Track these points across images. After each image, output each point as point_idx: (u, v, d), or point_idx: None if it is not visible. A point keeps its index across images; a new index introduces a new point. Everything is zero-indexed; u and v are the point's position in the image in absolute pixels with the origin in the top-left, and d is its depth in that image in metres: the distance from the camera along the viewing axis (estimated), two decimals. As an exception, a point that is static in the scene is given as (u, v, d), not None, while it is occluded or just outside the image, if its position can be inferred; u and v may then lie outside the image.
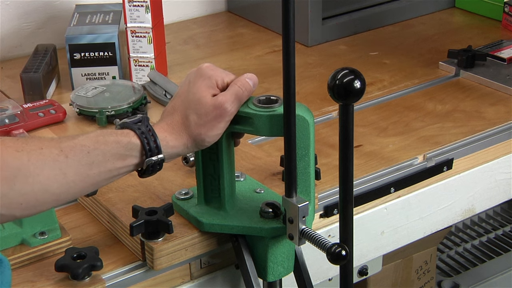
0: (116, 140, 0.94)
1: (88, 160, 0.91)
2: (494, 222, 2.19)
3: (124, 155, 0.94)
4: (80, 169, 0.90)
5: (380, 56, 1.71)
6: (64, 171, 0.89)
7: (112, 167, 0.93)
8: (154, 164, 0.96)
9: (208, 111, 0.98)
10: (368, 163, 1.28)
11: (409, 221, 1.30)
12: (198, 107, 0.98)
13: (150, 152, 0.95)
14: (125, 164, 0.94)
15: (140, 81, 1.55)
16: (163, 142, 0.96)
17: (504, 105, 1.46)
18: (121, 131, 0.96)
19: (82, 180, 0.91)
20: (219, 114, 0.98)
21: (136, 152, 0.95)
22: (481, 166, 1.36)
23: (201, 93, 0.99)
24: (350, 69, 0.92)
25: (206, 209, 1.08)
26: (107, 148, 0.92)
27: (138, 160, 0.95)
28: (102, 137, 0.93)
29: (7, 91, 1.56)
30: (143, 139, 0.95)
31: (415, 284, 1.75)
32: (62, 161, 0.89)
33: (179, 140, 0.98)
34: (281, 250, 1.06)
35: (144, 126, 0.96)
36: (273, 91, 1.49)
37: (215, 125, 0.98)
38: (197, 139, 0.98)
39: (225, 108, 0.98)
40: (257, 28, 1.89)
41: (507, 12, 1.83)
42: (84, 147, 0.91)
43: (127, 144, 0.94)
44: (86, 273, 1.00)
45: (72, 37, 1.51)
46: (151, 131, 0.96)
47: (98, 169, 0.92)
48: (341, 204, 0.97)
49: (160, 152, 0.96)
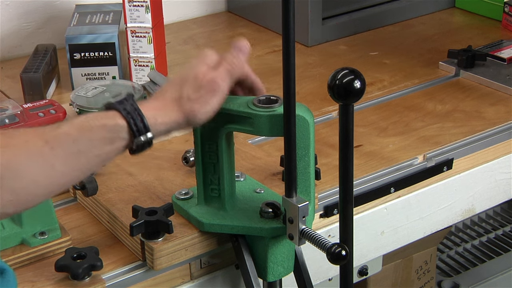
0: (102, 124, 0.90)
1: (75, 149, 0.88)
2: (494, 222, 2.19)
3: (112, 138, 0.91)
4: (67, 159, 0.88)
5: (380, 56, 1.71)
6: (51, 163, 0.87)
7: (101, 152, 0.90)
8: (144, 143, 0.93)
9: (202, 85, 0.96)
10: (368, 163, 1.28)
11: (409, 221, 1.30)
12: (193, 82, 0.97)
13: (138, 132, 0.92)
14: (113, 147, 0.91)
15: (140, 81, 1.55)
16: (151, 120, 0.93)
17: (504, 105, 1.46)
18: (105, 113, 0.93)
19: (71, 169, 0.89)
20: (212, 89, 0.97)
21: (123, 133, 0.92)
22: (481, 166, 1.36)
23: (197, 69, 0.98)
24: (350, 69, 0.92)
25: (206, 209, 1.08)
26: (93, 134, 0.89)
27: (127, 142, 0.92)
28: (86, 123, 0.90)
29: (7, 91, 1.56)
30: (129, 119, 0.91)
31: (415, 284, 1.75)
32: (48, 153, 0.86)
33: (169, 116, 0.96)
34: (281, 250, 1.06)
35: (129, 105, 0.92)
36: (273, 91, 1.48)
37: (208, 100, 0.96)
38: (189, 114, 0.96)
39: (217, 83, 0.97)
40: (257, 28, 1.89)
41: (507, 12, 1.83)
42: (69, 136, 0.88)
43: (113, 127, 0.91)
44: (86, 273, 1.00)
45: (72, 37, 1.51)
46: (136, 110, 0.92)
47: (86, 157, 0.89)
48: (341, 204, 0.97)
49: (148, 130, 0.92)
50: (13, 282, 0.91)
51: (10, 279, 0.90)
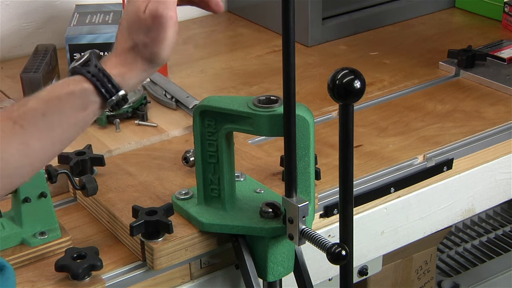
0: (69, 92, 0.87)
1: (46, 123, 0.86)
2: (494, 222, 2.19)
3: (83, 104, 0.88)
4: (41, 135, 0.85)
5: (380, 56, 1.71)
6: (26, 142, 0.84)
7: (75, 120, 0.88)
8: (118, 102, 0.90)
9: (149, 26, 0.90)
10: (368, 163, 1.28)
11: (409, 221, 1.30)
12: (139, 26, 0.90)
13: (108, 94, 0.89)
14: (87, 112, 0.89)
15: (140, 81, 1.55)
16: (118, 78, 0.89)
17: (504, 105, 1.46)
18: (71, 79, 0.89)
19: (49, 144, 0.87)
20: (160, 24, 0.90)
21: (93, 97, 0.88)
22: (481, 166, 1.36)
23: (137, 9, 0.91)
24: (350, 69, 0.92)
25: (206, 209, 1.08)
26: (62, 104, 0.87)
27: (99, 104, 0.89)
28: (53, 93, 0.87)
29: (7, 91, 1.56)
30: (95, 82, 0.88)
31: (415, 284, 1.75)
32: (20, 133, 0.84)
33: (134, 69, 0.91)
34: (281, 250, 1.06)
35: (93, 67, 0.89)
36: (273, 91, 1.49)
37: (163, 37, 0.90)
38: (152, 58, 0.91)
39: (161, 14, 0.89)
40: (257, 28, 1.89)
41: (507, 12, 1.83)
42: (37, 111, 0.86)
43: (81, 93, 0.88)
44: (86, 273, 1.00)
45: (72, 37, 1.51)
46: (101, 71, 0.89)
47: (61, 127, 0.87)
48: (341, 204, 0.97)
49: (119, 89, 0.89)
50: (12, 279, 0.91)
51: (9, 276, 0.90)
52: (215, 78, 1.62)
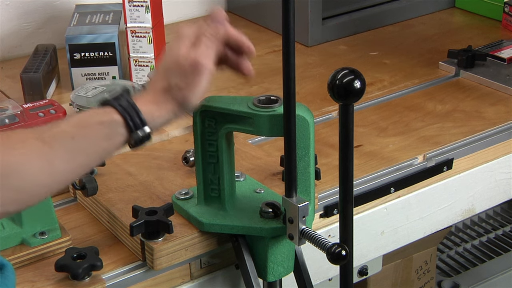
0: (98, 121, 0.91)
1: (73, 146, 0.88)
2: (494, 222, 2.19)
3: (109, 135, 0.91)
4: (66, 157, 0.88)
5: (380, 56, 1.71)
6: (51, 161, 0.87)
7: (99, 149, 0.91)
8: (142, 138, 0.93)
9: (187, 71, 0.95)
10: (368, 163, 1.28)
11: (409, 221, 1.30)
12: (177, 70, 0.96)
13: (134, 127, 0.92)
14: (111, 143, 0.91)
15: (140, 81, 1.55)
16: (148, 114, 0.93)
17: (504, 105, 1.46)
18: (102, 110, 0.93)
19: (71, 166, 0.89)
20: (197, 72, 0.95)
21: (120, 129, 0.92)
22: (481, 166, 1.36)
23: (178, 54, 0.96)
24: (350, 69, 0.92)
25: (206, 209, 1.08)
26: (90, 131, 0.90)
27: (124, 137, 0.92)
28: (84, 120, 0.90)
29: (7, 91, 1.56)
30: (125, 115, 0.91)
31: (415, 284, 1.75)
32: (47, 152, 0.87)
33: (164, 108, 0.95)
34: (281, 250, 1.06)
35: (124, 101, 0.93)
36: (273, 91, 1.49)
37: (196, 84, 0.95)
38: (182, 102, 0.96)
39: (200, 63, 0.95)
40: (257, 28, 1.89)
41: (507, 12, 1.83)
42: (66, 134, 0.89)
43: (110, 123, 0.91)
44: (86, 273, 1.00)
45: (72, 37, 1.51)
46: (132, 105, 0.92)
47: (85, 154, 0.90)
48: (341, 204, 0.97)
49: (145, 124, 0.93)
50: (12, 278, 0.91)
51: (9, 275, 0.90)
52: (215, 78, 1.59)
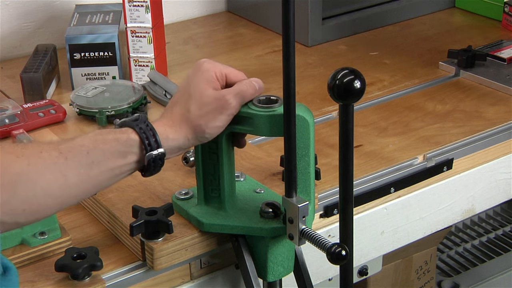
0: (115, 138, 0.93)
1: (88, 160, 0.90)
2: (494, 222, 2.19)
3: (124, 152, 0.93)
4: (80, 170, 0.89)
5: (380, 56, 1.71)
6: (64, 173, 0.88)
7: (113, 166, 0.92)
8: (155, 159, 0.95)
9: (209, 102, 0.98)
10: (368, 163, 1.28)
11: (409, 221, 1.30)
12: (199, 98, 0.98)
13: (149, 147, 0.94)
14: (125, 161, 0.93)
15: (140, 81, 1.55)
16: (163, 135, 0.96)
17: (504, 105, 1.46)
18: (119, 129, 0.95)
19: (84, 181, 0.90)
20: (221, 106, 0.98)
21: (135, 148, 0.94)
22: (481, 166, 1.36)
23: (201, 85, 0.99)
24: (350, 69, 0.92)
25: (206, 209, 1.08)
26: (106, 147, 0.92)
27: (138, 157, 0.94)
28: (100, 136, 0.92)
29: (7, 91, 1.56)
30: (142, 134, 0.94)
31: (415, 284, 1.75)
32: (62, 164, 0.88)
33: (179, 132, 0.98)
34: (281, 250, 1.06)
35: (142, 123, 0.95)
36: (273, 91, 1.48)
37: (216, 116, 0.98)
38: (197, 130, 0.98)
39: (227, 100, 0.98)
40: (257, 28, 1.89)
41: (507, 12, 1.83)
42: (83, 147, 0.90)
43: (126, 141, 0.93)
44: (86, 273, 1.00)
45: (72, 37, 1.51)
46: (149, 126, 0.95)
47: (99, 169, 0.91)
48: (341, 204, 0.97)
49: (160, 146, 0.95)
50: (16, 280, 0.91)
51: (13, 278, 0.90)
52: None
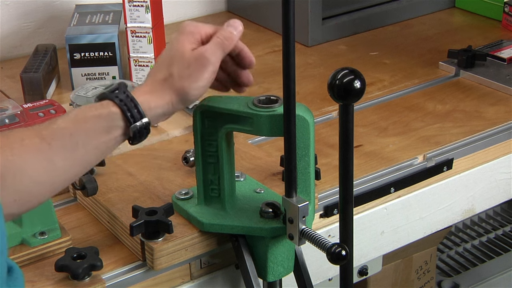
0: (96, 115, 0.91)
1: (72, 142, 0.88)
2: (494, 222, 2.19)
3: (107, 127, 0.91)
4: (66, 154, 0.88)
5: (380, 56, 1.71)
6: (50, 159, 0.87)
7: (98, 143, 0.90)
8: (140, 129, 0.93)
9: (190, 62, 0.95)
10: (368, 163, 1.28)
11: (409, 221, 1.30)
12: (180, 60, 0.95)
13: (132, 118, 0.92)
14: (110, 137, 0.91)
15: (140, 81, 1.55)
16: (144, 104, 0.93)
17: (504, 105, 1.46)
18: (99, 103, 0.93)
19: (72, 164, 0.89)
20: (201, 64, 0.95)
21: (118, 121, 0.92)
22: (481, 166, 1.36)
23: (183, 47, 0.96)
24: (350, 69, 0.92)
25: (206, 209, 1.08)
26: (88, 125, 0.90)
27: (123, 130, 0.92)
28: (81, 115, 0.90)
29: (7, 91, 1.56)
30: (123, 106, 0.91)
31: (415, 284, 1.75)
32: (46, 150, 0.87)
33: (161, 98, 0.95)
34: (281, 250, 1.06)
35: (121, 93, 0.93)
36: (273, 91, 1.49)
37: (199, 76, 0.95)
38: (181, 93, 0.95)
39: (206, 57, 0.95)
40: (257, 28, 1.89)
41: (507, 12, 1.83)
42: (65, 130, 0.88)
43: (108, 116, 0.91)
44: (86, 273, 1.00)
45: (72, 37, 1.51)
46: (129, 97, 0.92)
47: (85, 149, 0.89)
48: (341, 204, 0.97)
49: (143, 116, 0.92)
50: (21, 280, 0.91)
51: (18, 277, 0.90)
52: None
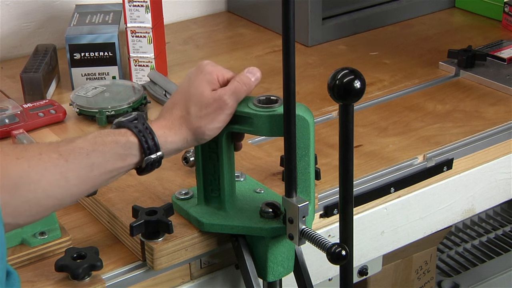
0: (114, 140, 0.93)
1: (88, 162, 0.90)
2: (494, 222, 2.19)
3: (124, 155, 0.93)
4: (80, 172, 0.90)
5: (380, 56, 1.71)
6: (65, 175, 0.89)
7: (112, 168, 0.93)
8: (154, 162, 0.95)
9: (208, 103, 0.98)
10: (368, 163, 1.28)
11: (409, 221, 1.30)
12: (199, 100, 0.98)
13: (149, 150, 0.94)
14: (124, 164, 0.94)
15: (140, 81, 1.55)
16: (161, 138, 0.96)
17: (504, 105, 1.46)
18: (118, 130, 0.95)
19: (84, 183, 0.91)
20: (219, 107, 0.98)
21: (135, 151, 0.94)
22: (481, 166, 1.36)
23: (202, 87, 0.99)
24: (350, 69, 0.92)
25: (206, 209, 1.08)
26: (106, 149, 0.92)
27: (138, 159, 0.95)
28: (100, 138, 0.93)
29: (7, 91, 1.56)
30: (141, 137, 0.94)
31: (415, 284, 1.75)
32: (62, 165, 0.89)
33: (178, 134, 0.98)
34: (281, 250, 1.06)
35: (140, 124, 0.95)
36: (273, 91, 1.49)
37: (215, 117, 0.98)
38: (197, 132, 0.98)
39: (224, 100, 0.98)
40: (257, 28, 1.89)
41: (507, 12, 1.83)
42: (82, 150, 0.91)
43: (125, 144, 0.94)
44: (86, 273, 1.00)
45: (72, 37, 1.51)
46: (148, 129, 0.95)
47: (99, 171, 0.92)
48: (341, 204, 0.97)
49: (159, 149, 0.95)
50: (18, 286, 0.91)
51: (15, 283, 0.90)
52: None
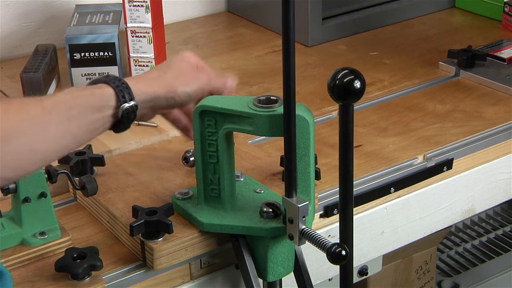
0: (91, 93, 0.96)
1: (69, 114, 0.92)
2: (494, 222, 2.19)
3: (100, 106, 0.96)
4: (61, 125, 0.91)
5: (380, 56, 1.71)
6: (47, 127, 0.90)
7: (90, 120, 0.95)
8: (129, 111, 0.98)
9: (188, 71, 1.06)
10: (368, 163, 1.28)
11: (409, 221, 1.30)
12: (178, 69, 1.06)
13: (123, 99, 0.97)
14: (102, 115, 0.96)
15: (140, 81, 1.55)
16: (135, 88, 0.99)
17: (504, 105, 1.46)
18: (94, 85, 0.99)
19: (64, 135, 0.92)
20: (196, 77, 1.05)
21: (111, 101, 0.97)
22: (481, 166, 1.36)
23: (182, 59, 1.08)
24: (350, 69, 0.92)
25: (206, 209, 1.08)
26: (83, 101, 0.94)
27: (114, 110, 0.97)
28: (78, 92, 0.95)
29: (7, 91, 1.56)
30: (116, 87, 0.98)
31: (415, 284, 1.75)
32: (45, 118, 0.90)
33: (151, 87, 1.02)
34: (281, 250, 1.06)
35: (115, 79, 0.99)
36: (273, 91, 1.49)
37: (190, 82, 1.05)
38: (170, 89, 1.03)
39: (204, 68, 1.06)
40: (257, 28, 1.89)
41: (507, 12, 1.83)
42: (64, 103, 0.92)
43: (102, 94, 0.97)
44: (86, 273, 1.00)
45: (72, 37, 1.51)
46: (122, 82, 0.99)
47: (78, 123, 0.93)
48: (341, 204, 0.97)
49: (133, 98, 0.98)
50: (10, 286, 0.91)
51: (7, 283, 0.90)
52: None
